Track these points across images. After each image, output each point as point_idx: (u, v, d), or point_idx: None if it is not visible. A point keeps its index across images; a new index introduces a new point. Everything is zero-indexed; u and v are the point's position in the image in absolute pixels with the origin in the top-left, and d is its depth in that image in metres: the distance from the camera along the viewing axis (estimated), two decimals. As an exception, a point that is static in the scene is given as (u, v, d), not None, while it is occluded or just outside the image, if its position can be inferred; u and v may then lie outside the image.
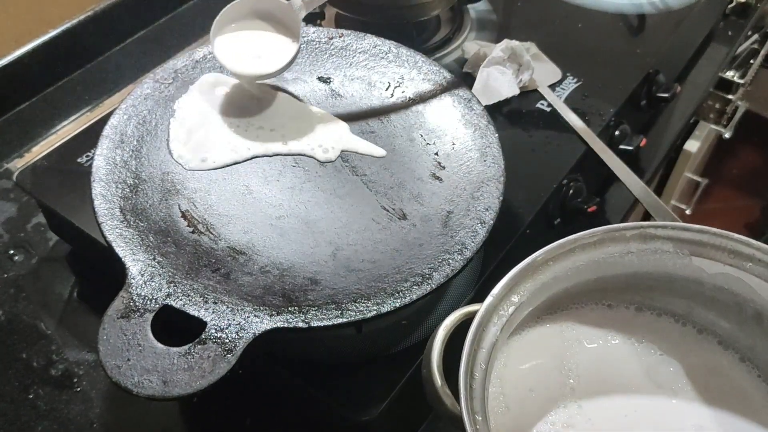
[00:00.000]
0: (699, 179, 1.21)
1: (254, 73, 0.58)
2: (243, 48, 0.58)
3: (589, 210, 0.66)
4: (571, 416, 0.44)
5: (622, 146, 0.72)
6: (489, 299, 0.41)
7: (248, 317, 0.44)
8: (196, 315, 0.44)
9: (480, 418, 0.37)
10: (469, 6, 0.82)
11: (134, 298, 0.44)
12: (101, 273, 0.64)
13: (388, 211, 0.55)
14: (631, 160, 0.71)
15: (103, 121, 0.56)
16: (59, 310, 0.63)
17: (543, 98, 0.72)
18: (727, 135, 1.15)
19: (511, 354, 0.46)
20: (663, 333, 0.48)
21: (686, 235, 0.44)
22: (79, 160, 0.64)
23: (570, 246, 0.44)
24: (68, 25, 0.80)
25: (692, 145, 1.10)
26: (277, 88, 0.62)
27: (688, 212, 1.24)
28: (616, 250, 0.45)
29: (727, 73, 1.06)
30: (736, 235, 0.43)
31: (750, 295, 0.44)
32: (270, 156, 0.57)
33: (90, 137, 0.63)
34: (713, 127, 1.14)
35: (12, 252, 0.66)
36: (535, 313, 0.47)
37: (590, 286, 0.47)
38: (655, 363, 0.47)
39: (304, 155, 0.58)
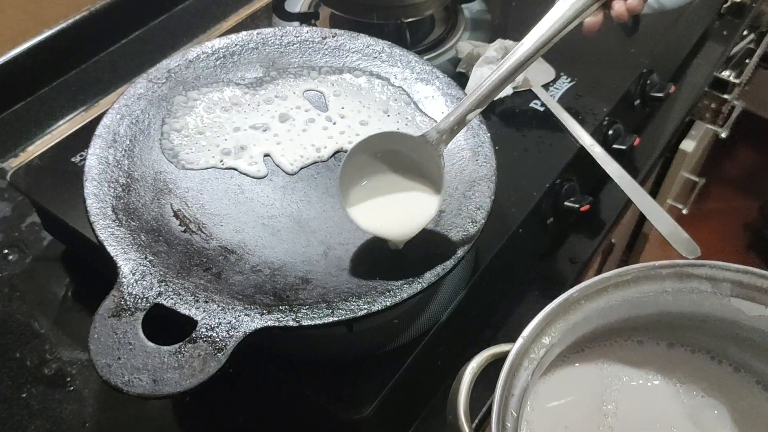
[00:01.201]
0: (696, 179, 1.21)
1: (397, 236, 0.50)
2: (380, 209, 0.50)
3: (581, 209, 0.66)
4: None
5: (615, 145, 0.72)
6: (519, 342, 0.39)
7: (239, 316, 0.44)
8: (186, 314, 0.44)
9: None
10: (464, 6, 0.82)
11: (125, 296, 0.44)
12: (95, 272, 0.64)
13: (379, 210, 0.55)
14: (625, 159, 0.71)
15: (98, 120, 0.56)
16: (53, 309, 0.63)
17: (536, 98, 0.72)
18: (723, 135, 1.15)
19: (537, 396, 0.44)
20: (700, 371, 0.46)
21: (726, 274, 0.42)
22: (72, 159, 0.64)
23: (604, 284, 0.42)
24: (63, 25, 0.80)
25: (688, 145, 1.10)
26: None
27: (685, 212, 1.24)
28: (651, 289, 0.43)
29: (723, 73, 1.06)
30: None
31: None
32: (264, 156, 0.57)
33: (84, 137, 0.63)
34: (709, 126, 1.15)
35: (6, 251, 0.67)
36: (563, 352, 0.45)
37: (621, 324, 0.45)
38: (698, 406, 0.45)
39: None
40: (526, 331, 0.40)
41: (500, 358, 0.39)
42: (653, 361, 0.47)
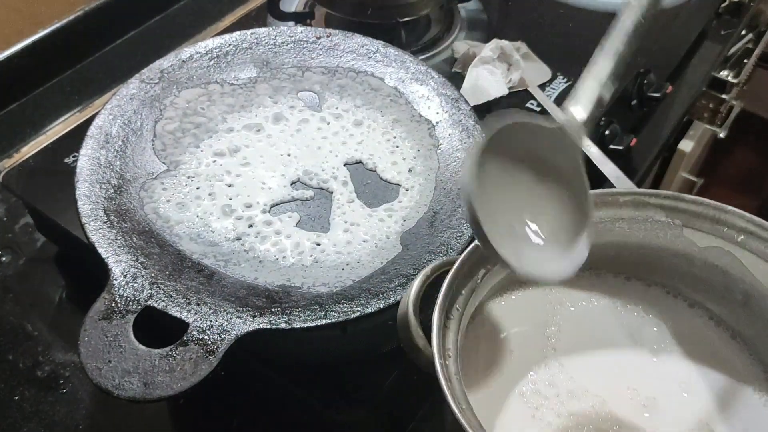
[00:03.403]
0: (694, 179, 1.21)
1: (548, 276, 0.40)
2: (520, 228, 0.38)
3: (578, 210, 0.65)
4: (552, 375, 0.44)
5: (612, 146, 0.72)
6: (472, 246, 0.40)
7: (231, 318, 0.44)
8: (178, 316, 0.44)
9: (451, 356, 0.37)
10: (460, 5, 0.82)
11: (116, 299, 0.44)
12: (89, 274, 0.63)
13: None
14: (623, 160, 0.71)
15: (92, 121, 0.56)
16: (46, 311, 0.63)
17: (533, 98, 0.72)
18: (722, 135, 1.15)
19: (491, 315, 0.46)
20: (652, 301, 0.47)
21: (680, 204, 0.44)
22: (65, 160, 0.64)
23: None
24: (58, 25, 0.80)
25: (686, 145, 1.09)
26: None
27: (683, 212, 1.24)
28: (608, 215, 0.45)
29: (721, 73, 1.06)
30: (730, 207, 0.43)
31: (739, 273, 0.44)
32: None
33: (78, 137, 0.62)
34: (708, 126, 1.14)
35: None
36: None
37: None
38: (638, 324, 0.46)
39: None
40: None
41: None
42: (606, 290, 0.48)
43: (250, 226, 0.53)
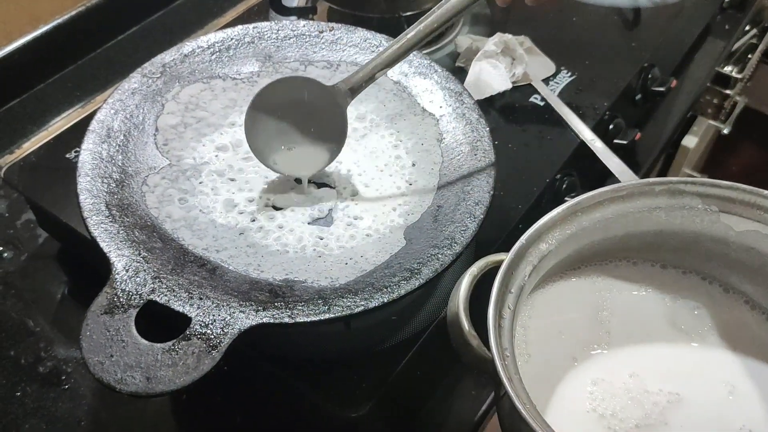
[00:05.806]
0: (698, 175, 1.20)
1: (305, 175, 0.54)
2: (291, 156, 0.54)
3: (582, 205, 0.65)
4: (604, 360, 0.44)
5: (616, 140, 0.71)
6: (518, 244, 0.41)
7: (234, 313, 0.43)
8: (180, 311, 0.43)
9: (509, 355, 0.38)
10: (463, 0, 0.81)
11: (118, 293, 0.44)
12: (91, 270, 0.63)
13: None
14: (627, 154, 0.71)
15: (93, 116, 0.55)
16: (48, 307, 0.63)
17: (536, 92, 0.71)
18: (725, 131, 1.14)
19: (535, 306, 0.46)
20: (690, 289, 0.48)
21: (715, 191, 0.44)
22: (67, 155, 0.63)
23: (599, 198, 0.44)
24: (59, 20, 0.80)
25: (690, 141, 1.09)
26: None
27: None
28: (645, 205, 0.45)
29: (725, 68, 1.06)
30: (766, 192, 0.43)
31: None
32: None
33: (79, 133, 0.62)
34: (711, 122, 1.14)
35: (1, 249, 0.66)
36: (561, 267, 0.47)
37: (617, 242, 0.47)
38: (677, 311, 0.47)
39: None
40: (525, 236, 0.42)
41: (498, 267, 0.41)
42: (645, 280, 0.49)
43: (253, 220, 0.52)
